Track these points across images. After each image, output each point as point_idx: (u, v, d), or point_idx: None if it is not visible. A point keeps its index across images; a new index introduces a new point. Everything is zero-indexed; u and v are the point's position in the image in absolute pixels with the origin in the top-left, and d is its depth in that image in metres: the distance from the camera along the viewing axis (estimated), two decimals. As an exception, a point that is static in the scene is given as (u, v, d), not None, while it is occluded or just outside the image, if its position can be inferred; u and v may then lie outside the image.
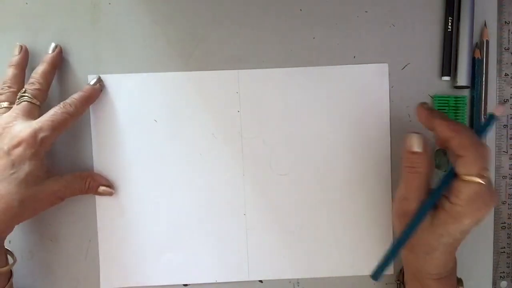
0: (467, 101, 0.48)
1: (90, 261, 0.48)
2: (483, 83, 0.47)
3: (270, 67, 0.48)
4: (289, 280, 0.48)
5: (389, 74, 0.48)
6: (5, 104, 0.44)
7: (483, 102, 0.47)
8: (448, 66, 0.47)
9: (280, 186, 0.48)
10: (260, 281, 0.48)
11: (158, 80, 0.48)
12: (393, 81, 0.48)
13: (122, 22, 0.48)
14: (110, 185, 0.47)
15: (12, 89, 0.45)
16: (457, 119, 0.47)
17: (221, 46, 0.48)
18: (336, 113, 0.48)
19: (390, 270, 0.48)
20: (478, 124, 0.47)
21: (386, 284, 0.48)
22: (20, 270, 0.48)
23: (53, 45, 0.47)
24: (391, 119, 0.48)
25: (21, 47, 0.46)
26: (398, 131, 0.48)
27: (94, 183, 0.46)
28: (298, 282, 0.48)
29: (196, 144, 0.47)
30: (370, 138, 0.48)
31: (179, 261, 0.48)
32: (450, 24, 0.47)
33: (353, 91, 0.48)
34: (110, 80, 0.48)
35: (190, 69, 0.48)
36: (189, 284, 0.48)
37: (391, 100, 0.48)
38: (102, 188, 0.46)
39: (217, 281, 0.48)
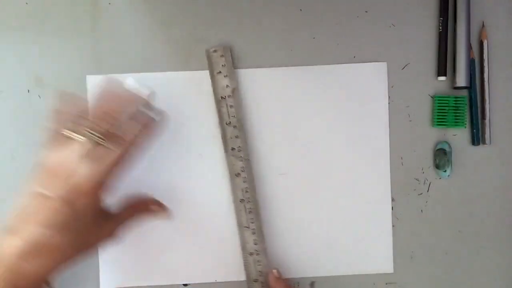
0: (467, 101, 0.48)
1: (90, 261, 0.48)
2: (482, 83, 0.47)
3: (270, 67, 0.48)
4: (289, 280, 0.48)
5: (389, 74, 0.48)
6: (78, 136, 0.39)
7: (480, 103, 0.48)
8: (443, 66, 0.47)
9: (280, 185, 0.48)
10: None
11: (158, 80, 0.48)
12: (393, 81, 0.48)
13: (122, 22, 0.48)
14: (160, 204, 0.45)
15: (85, 122, 0.40)
16: (457, 119, 0.47)
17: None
18: (335, 112, 0.48)
19: (390, 269, 0.48)
20: (477, 126, 0.47)
21: (386, 284, 0.48)
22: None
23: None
24: (391, 119, 0.48)
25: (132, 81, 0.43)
26: (398, 131, 0.48)
27: (145, 207, 0.44)
28: (298, 283, 0.48)
29: (196, 143, 0.47)
30: (369, 137, 0.48)
31: (179, 261, 0.48)
32: (440, 24, 0.47)
33: (352, 90, 0.48)
34: (110, 80, 0.48)
35: (190, 69, 0.48)
36: (189, 284, 0.48)
37: (391, 100, 0.48)
38: (155, 208, 0.45)
39: (217, 281, 0.48)
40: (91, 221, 0.39)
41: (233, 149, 0.47)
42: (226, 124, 0.47)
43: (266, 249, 0.47)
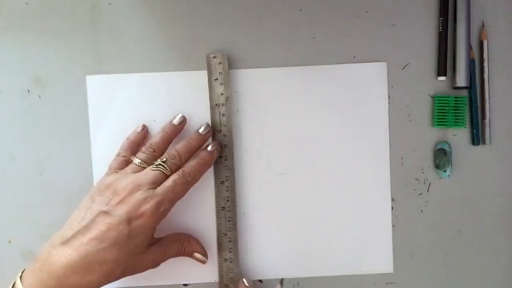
0: (467, 101, 0.48)
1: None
2: (482, 83, 0.47)
3: (270, 67, 0.48)
4: (289, 280, 0.48)
5: (389, 74, 0.48)
6: (138, 162, 0.44)
7: (480, 103, 0.48)
8: (443, 66, 0.47)
9: (279, 186, 0.48)
10: (260, 280, 0.48)
11: (158, 80, 0.48)
12: (393, 81, 0.48)
13: (122, 22, 0.48)
14: (204, 253, 0.46)
15: (154, 154, 0.45)
16: (457, 119, 0.47)
17: (221, 46, 0.48)
18: (335, 112, 0.48)
19: (390, 269, 0.48)
20: (477, 126, 0.47)
21: (386, 284, 0.48)
22: (20, 270, 0.48)
23: (205, 124, 0.46)
24: (391, 119, 0.48)
25: (183, 117, 0.46)
26: (398, 131, 0.48)
27: (189, 248, 0.46)
28: (298, 283, 0.48)
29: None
30: (369, 136, 0.48)
31: (179, 261, 0.48)
32: (440, 24, 0.47)
33: (352, 90, 0.48)
34: (110, 80, 0.48)
35: (190, 69, 0.48)
36: (189, 284, 0.48)
37: (391, 100, 0.48)
38: (197, 255, 0.46)
39: (217, 281, 0.48)
40: (143, 244, 0.42)
41: (220, 157, 0.47)
42: (217, 131, 0.47)
43: (239, 259, 0.47)
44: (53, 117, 0.48)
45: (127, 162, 0.45)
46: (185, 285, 0.48)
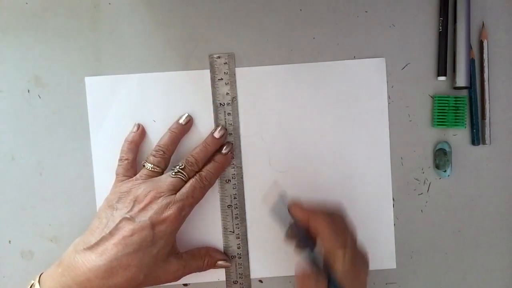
0: (467, 101, 0.48)
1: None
2: (482, 83, 0.47)
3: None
4: (290, 279, 0.48)
5: (389, 74, 0.48)
6: (150, 166, 0.45)
7: (480, 103, 0.48)
8: (443, 66, 0.47)
9: (280, 184, 0.48)
10: (260, 280, 0.48)
11: (158, 80, 0.48)
12: (393, 81, 0.48)
13: (122, 22, 0.48)
14: (226, 258, 0.47)
15: (164, 156, 0.45)
16: (457, 119, 0.47)
17: (221, 46, 0.48)
18: (335, 110, 0.48)
19: (392, 265, 0.48)
20: (477, 126, 0.47)
21: (386, 284, 0.48)
22: (20, 270, 0.48)
23: (221, 128, 0.47)
24: (391, 119, 0.48)
25: (189, 116, 0.47)
26: (398, 131, 0.48)
27: (211, 260, 0.46)
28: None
29: (195, 143, 0.47)
30: (369, 136, 0.48)
31: (179, 261, 0.48)
32: (440, 25, 0.47)
33: (351, 86, 0.48)
34: (109, 81, 0.48)
35: (190, 69, 0.48)
36: (189, 284, 0.48)
37: (391, 100, 0.48)
38: (221, 263, 0.47)
39: (219, 280, 0.48)
40: (164, 250, 0.42)
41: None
42: None
43: (248, 253, 0.48)
44: (53, 117, 0.48)
45: (131, 165, 0.46)
46: (185, 285, 0.48)
